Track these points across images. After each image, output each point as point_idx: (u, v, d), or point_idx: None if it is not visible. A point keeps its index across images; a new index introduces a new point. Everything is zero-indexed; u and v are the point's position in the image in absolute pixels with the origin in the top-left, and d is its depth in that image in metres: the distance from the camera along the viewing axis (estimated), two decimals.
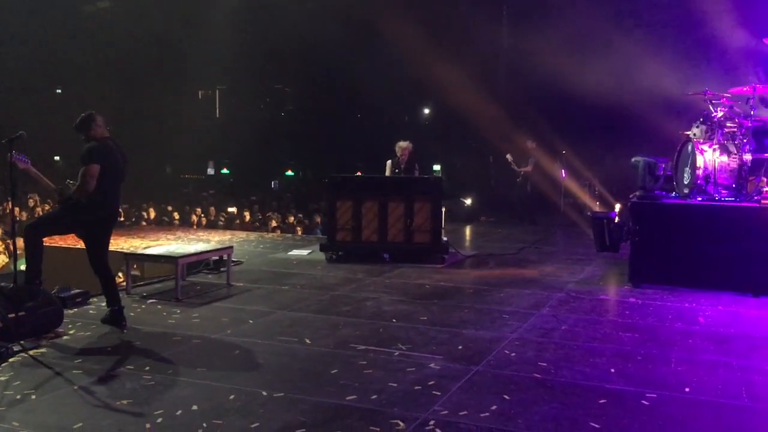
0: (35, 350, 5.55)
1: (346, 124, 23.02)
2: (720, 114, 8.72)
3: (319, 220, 16.04)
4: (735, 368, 5.25)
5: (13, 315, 5.66)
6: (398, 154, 10.60)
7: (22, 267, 6.20)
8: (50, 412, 4.35)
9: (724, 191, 8.55)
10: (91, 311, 6.85)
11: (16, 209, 15.02)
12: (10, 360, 5.30)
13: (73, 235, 7.03)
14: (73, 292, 7.07)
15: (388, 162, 10.66)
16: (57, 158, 25.45)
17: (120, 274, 7.91)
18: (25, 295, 5.87)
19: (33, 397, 4.59)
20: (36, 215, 14.39)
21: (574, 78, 16.30)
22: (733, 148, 8.59)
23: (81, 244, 6.43)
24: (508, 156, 15.45)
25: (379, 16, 18.81)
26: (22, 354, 5.43)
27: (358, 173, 11.13)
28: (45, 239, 6.32)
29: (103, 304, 6.40)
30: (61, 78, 25.96)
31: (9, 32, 21.52)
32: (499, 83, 19.88)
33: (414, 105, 24.82)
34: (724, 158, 8.58)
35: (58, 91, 27.24)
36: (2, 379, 4.92)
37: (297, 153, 27.06)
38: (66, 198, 6.14)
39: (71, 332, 6.11)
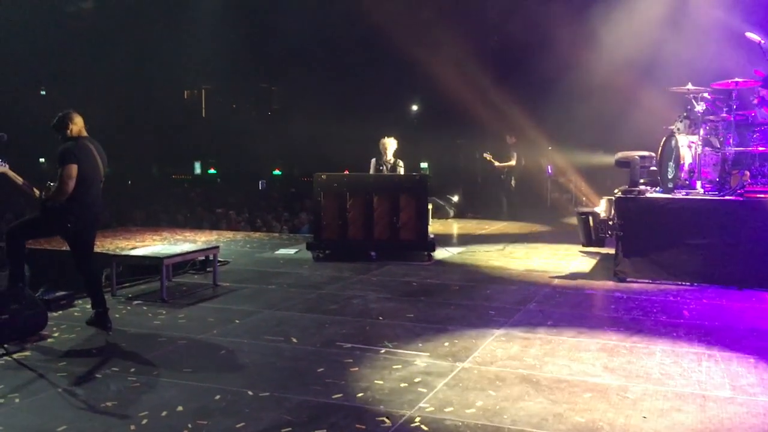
0: (19, 353, 5.51)
1: (333, 122, 22.98)
2: (703, 108, 8.77)
3: (305, 218, 16.01)
4: (719, 360, 5.29)
5: None
6: (382, 151, 10.60)
7: None
8: (34, 415, 4.32)
9: (707, 185, 8.62)
10: (76, 313, 6.80)
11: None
12: None
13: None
14: (57, 294, 7.02)
15: (372, 160, 10.66)
16: (42, 160, 25.26)
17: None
18: (8, 299, 5.83)
19: (17, 400, 4.56)
20: None
21: (563, 72, 16.38)
22: (716, 142, 8.66)
23: (66, 246, 6.37)
24: (486, 154, 15.50)
25: (367, 13, 18.80)
26: (6, 357, 5.39)
27: (345, 171, 11.09)
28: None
29: (88, 306, 6.36)
30: (46, 79, 25.76)
31: None
32: (488, 79, 19.91)
33: (402, 102, 24.85)
34: (708, 152, 8.64)
35: (43, 92, 27.03)
36: None
37: (284, 152, 27.02)
38: (44, 200, 6.05)
39: (56, 335, 6.07)
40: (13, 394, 4.65)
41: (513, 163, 15.30)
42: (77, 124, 6.14)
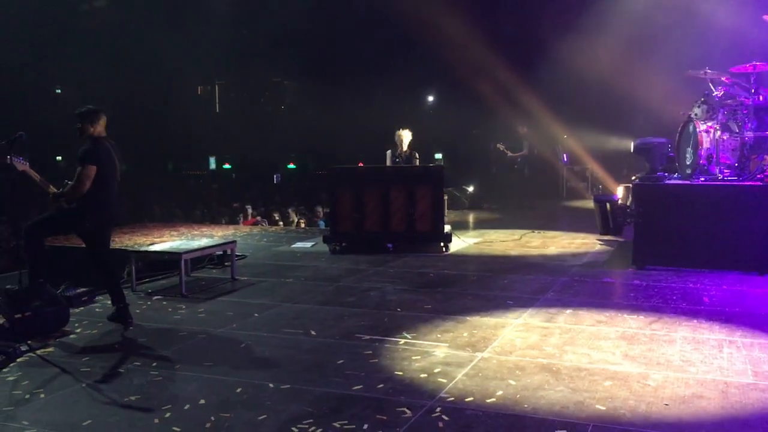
0: (43, 349, 5.57)
1: (347, 114, 22.99)
2: (721, 93, 8.68)
3: (321, 211, 16.06)
4: (740, 347, 5.25)
5: (19, 315, 5.69)
6: (398, 143, 10.59)
7: None
8: (59, 411, 4.37)
9: (726, 170, 8.53)
10: (97, 309, 6.88)
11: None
12: (18, 360, 5.32)
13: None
14: (78, 290, 7.10)
15: (388, 152, 10.65)
16: (59, 158, 25.48)
17: None
18: (30, 296, 5.90)
19: (42, 396, 4.62)
20: None
21: (575, 60, 16.27)
22: (734, 127, 8.55)
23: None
24: (499, 145, 15.51)
25: (381, 4, 18.73)
26: (30, 354, 5.45)
27: (360, 164, 11.10)
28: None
29: (109, 301, 6.42)
30: (61, 77, 25.94)
31: (7, 32, 21.48)
32: (502, 68, 19.80)
33: (417, 93, 24.79)
34: (726, 137, 8.55)
35: (58, 90, 27.22)
36: (11, 378, 4.95)
37: (298, 145, 27.07)
38: (58, 197, 6.10)
39: (78, 331, 6.14)
40: (38, 390, 4.71)
41: (525, 152, 15.29)
42: (101, 125, 6.18)
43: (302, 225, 15.40)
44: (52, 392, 4.68)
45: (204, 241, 8.73)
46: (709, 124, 8.60)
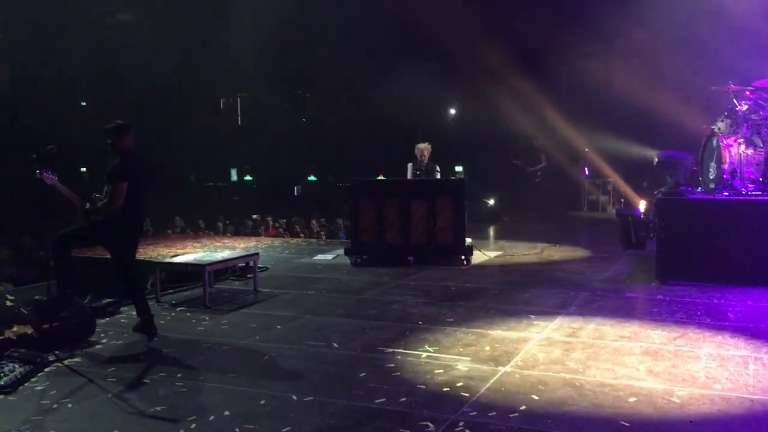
0: (69, 359, 5.66)
1: (367, 127, 23.07)
2: (744, 107, 8.63)
3: (342, 224, 16.11)
4: (766, 363, 5.20)
5: (47, 326, 5.79)
6: (418, 156, 10.62)
7: None
8: (86, 420, 4.44)
9: (750, 185, 8.46)
10: (122, 320, 6.96)
11: None
12: (46, 370, 5.41)
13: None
14: (104, 301, 7.19)
15: (409, 164, 10.68)
16: (83, 170, 25.77)
17: None
18: (58, 306, 5.99)
19: (69, 405, 4.69)
20: None
21: (598, 73, 16.22)
22: (758, 142, 8.50)
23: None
24: (516, 161, 15.51)
25: (401, 16, 18.84)
26: (57, 363, 5.54)
27: (380, 176, 11.15)
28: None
29: (134, 312, 6.50)
30: (85, 91, 26.27)
31: (34, 46, 21.88)
32: (522, 81, 19.80)
33: (436, 107, 24.82)
34: (750, 152, 8.49)
35: (83, 104, 27.57)
36: (38, 388, 5.03)
37: (319, 158, 27.20)
38: (90, 212, 6.18)
39: (104, 341, 6.22)
40: (65, 399, 4.78)
41: (544, 164, 15.27)
42: (130, 139, 6.27)
43: (323, 237, 15.48)
44: (79, 402, 4.75)
45: (227, 253, 8.80)
46: (733, 138, 8.55)
